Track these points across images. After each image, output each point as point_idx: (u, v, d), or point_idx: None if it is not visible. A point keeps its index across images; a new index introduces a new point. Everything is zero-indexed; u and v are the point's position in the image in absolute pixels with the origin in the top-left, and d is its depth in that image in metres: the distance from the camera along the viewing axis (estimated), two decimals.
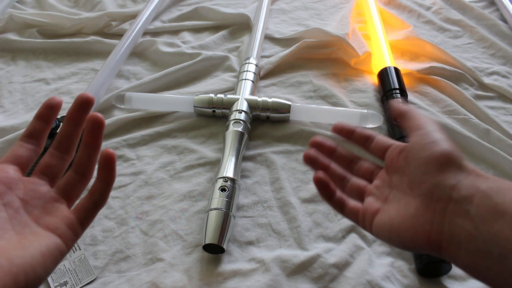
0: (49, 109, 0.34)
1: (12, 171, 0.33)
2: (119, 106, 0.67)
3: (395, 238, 0.33)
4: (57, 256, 0.31)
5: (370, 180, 0.40)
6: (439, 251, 0.31)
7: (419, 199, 0.32)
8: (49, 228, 0.31)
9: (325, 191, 0.38)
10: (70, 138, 0.35)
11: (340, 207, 0.38)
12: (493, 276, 0.28)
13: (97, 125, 0.33)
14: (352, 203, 0.38)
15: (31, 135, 0.34)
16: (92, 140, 0.34)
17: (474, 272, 0.29)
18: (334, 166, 0.41)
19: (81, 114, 0.34)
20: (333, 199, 0.38)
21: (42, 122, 0.35)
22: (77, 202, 0.35)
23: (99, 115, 0.33)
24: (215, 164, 0.59)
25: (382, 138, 0.40)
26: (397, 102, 0.40)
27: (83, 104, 0.34)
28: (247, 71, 0.69)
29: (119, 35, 0.80)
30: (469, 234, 0.29)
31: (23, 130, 0.60)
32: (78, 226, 0.33)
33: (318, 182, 0.38)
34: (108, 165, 0.33)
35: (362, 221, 0.37)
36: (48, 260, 0.30)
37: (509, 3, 0.90)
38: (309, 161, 0.40)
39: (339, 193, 0.39)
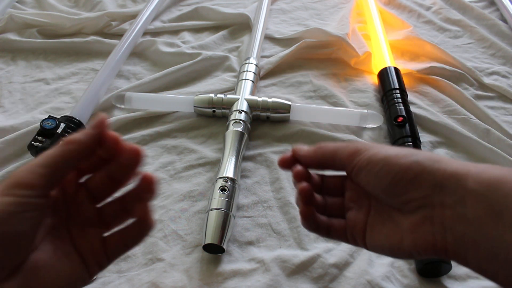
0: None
1: (71, 173, 0.31)
2: (119, 106, 0.67)
3: (399, 254, 0.32)
4: (79, 286, 0.30)
5: (341, 193, 0.37)
6: (448, 257, 0.30)
7: (412, 215, 0.31)
8: (81, 254, 0.31)
9: (313, 224, 0.35)
10: (130, 171, 0.32)
11: (326, 232, 0.36)
12: (502, 280, 0.27)
13: (151, 184, 0.31)
14: (336, 223, 0.36)
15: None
16: (146, 194, 0.32)
17: (484, 275, 0.28)
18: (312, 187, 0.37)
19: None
20: (319, 227, 0.36)
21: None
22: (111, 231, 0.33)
23: (155, 180, 0.31)
24: (215, 164, 0.59)
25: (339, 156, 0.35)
26: (301, 151, 0.36)
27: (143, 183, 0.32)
28: (247, 71, 0.69)
29: (119, 35, 0.80)
30: (472, 240, 0.28)
31: (23, 130, 0.61)
32: (105, 260, 0.32)
33: (307, 220, 0.35)
34: (148, 224, 0.32)
35: (351, 239, 0.35)
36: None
37: (509, 3, 0.90)
38: (308, 195, 0.35)
39: (322, 219, 0.36)
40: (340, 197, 0.37)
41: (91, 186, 0.32)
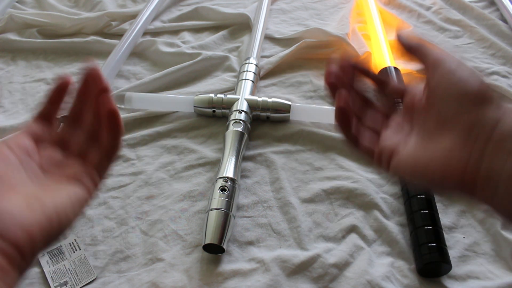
0: (59, 91, 0.35)
1: (28, 142, 0.33)
2: (119, 106, 0.67)
3: (420, 176, 0.31)
4: (83, 202, 0.32)
5: (386, 118, 0.38)
6: (472, 191, 0.29)
7: (453, 135, 0.30)
8: (71, 177, 0.32)
9: (345, 123, 0.36)
10: (81, 113, 0.35)
11: (355, 141, 0.36)
12: None
13: (105, 93, 0.34)
14: (369, 136, 0.36)
15: (43, 116, 0.35)
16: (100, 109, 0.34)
17: (510, 215, 0.28)
18: (353, 95, 0.38)
19: (90, 88, 0.35)
20: (349, 132, 0.36)
21: (52, 105, 0.35)
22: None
23: (105, 84, 0.34)
24: (215, 164, 0.59)
25: (398, 83, 0.39)
26: (406, 34, 0.38)
27: (90, 79, 0.34)
28: (247, 71, 0.69)
29: (119, 35, 0.80)
30: (509, 174, 0.27)
31: None
32: (96, 175, 0.33)
33: (340, 112, 0.35)
34: (113, 118, 0.34)
35: (377, 157, 0.35)
36: (76, 204, 0.31)
37: (509, 3, 0.89)
38: (332, 86, 0.37)
39: (355, 126, 0.36)
40: (383, 116, 0.38)
41: (57, 141, 0.35)
